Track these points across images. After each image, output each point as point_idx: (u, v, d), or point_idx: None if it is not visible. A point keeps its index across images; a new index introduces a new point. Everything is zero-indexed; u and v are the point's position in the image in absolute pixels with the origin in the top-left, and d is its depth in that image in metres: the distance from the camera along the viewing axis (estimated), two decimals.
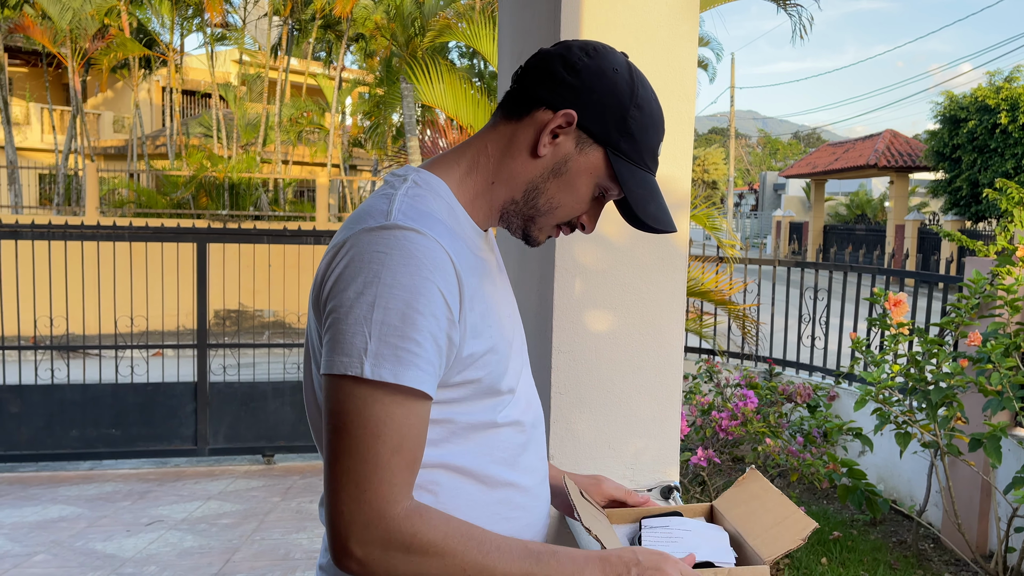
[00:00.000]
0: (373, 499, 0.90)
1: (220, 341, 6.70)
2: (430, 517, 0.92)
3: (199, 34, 24.47)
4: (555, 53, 1.05)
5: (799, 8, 8.99)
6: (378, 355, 0.89)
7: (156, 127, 24.00)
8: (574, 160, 1.04)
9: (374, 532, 0.90)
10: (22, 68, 22.91)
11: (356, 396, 0.90)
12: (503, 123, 1.06)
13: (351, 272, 0.91)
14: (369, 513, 0.90)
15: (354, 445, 0.90)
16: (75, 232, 5.82)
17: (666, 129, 1.67)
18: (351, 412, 0.90)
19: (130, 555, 4.17)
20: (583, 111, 1.02)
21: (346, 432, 0.90)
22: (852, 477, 3.76)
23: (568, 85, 1.02)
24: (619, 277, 1.65)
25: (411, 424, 0.92)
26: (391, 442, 0.90)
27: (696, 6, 1.65)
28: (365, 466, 0.90)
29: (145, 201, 15.55)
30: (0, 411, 5.60)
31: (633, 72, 1.05)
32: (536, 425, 1.16)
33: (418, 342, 0.90)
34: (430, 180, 1.04)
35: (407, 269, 0.90)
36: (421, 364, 0.91)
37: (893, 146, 21.92)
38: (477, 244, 1.06)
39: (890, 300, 3.81)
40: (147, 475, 5.61)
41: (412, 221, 0.94)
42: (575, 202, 1.06)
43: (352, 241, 0.93)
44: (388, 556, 0.90)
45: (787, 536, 1.12)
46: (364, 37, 20.89)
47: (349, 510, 0.90)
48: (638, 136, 1.04)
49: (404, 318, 0.89)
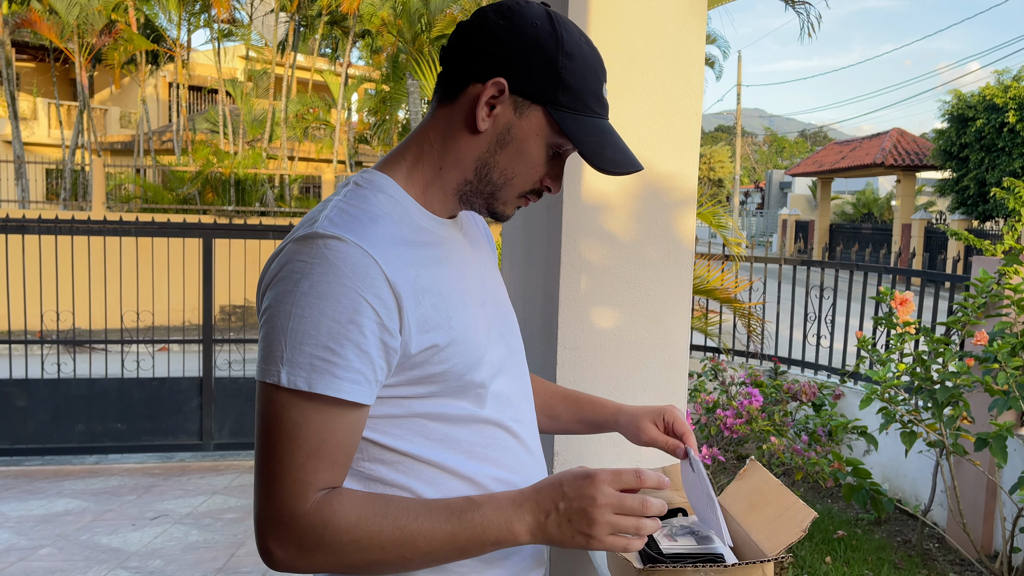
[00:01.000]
0: (285, 498, 0.91)
1: (225, 336, 6.71)
2: (341, 504, 0.92)
3: (206, 30, 24.50)
4: (471, 24, 1.02)
5: (807, 6, 8.97)
6: (292, 363, 0.89)
7: (163, 123, 24.05)
8: (516, 126, 1.00)
9: (287, 531, 0.91)
10: (29, 63, 22.98)
11: (275, 401, 0.91)
12: (440, 108, 1.04)
13: (276, 281, 0.93)
14: (281, 511, 0.91)
15: (271, 448, 0.92)
16: (82, 227, 5.84)
17: (673, 126, 1.68)
18: (271, 416, 0.92)
19: (135, 549, 4.18)
20: (511, 75, 0.99)
21: (266, 435, 0.92)
22: (857, 476, 3.76)
23: (490, 53, 0.99)
24: (625, 274, 1.65)
25: (331, 429, 0.92)
26: (307, 446, 0.91)
27: (704, 3, 1.65)
28: (280, 468, 0.91)
29: (151, 196, 15.59)
30: (6, 405, 5.63)
31: (555, 20, 1.01)
32: (524, 420, 1.12)
33: (334, 350, 0.90)
34: (374, 178, 1.03)
35: (325, 278, 0.90)
36: (338, 372, 0.90)
37: (900, 145, 21.85)
38: (428, 230, 1.03)
39: (896, 299, 3.80)
40: (152, 469, 5.63)
41: (336, 228, 0.93)
42: (530, 168, 1.03)
43: (284, 251, 0.94)
44: (305, 553, 0.92)
45: (789, 528, 1.12)
46: (370, 33, 20.89)
47: (265, 509, 0.92)
48: (575, 84, 0.99)
49: (319, 327, 0.89)
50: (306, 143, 22.27)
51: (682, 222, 1.68)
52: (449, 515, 0.93)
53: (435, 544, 0.92)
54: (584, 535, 0.92)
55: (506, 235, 2.23)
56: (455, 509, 0.94)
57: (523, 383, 1.16)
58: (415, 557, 0.93)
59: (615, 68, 1.61)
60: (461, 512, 0.93)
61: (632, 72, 1.62)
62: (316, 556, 0.92)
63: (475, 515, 0.93)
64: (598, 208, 1.64)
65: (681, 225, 1.68)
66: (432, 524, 0.92)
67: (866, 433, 4.01)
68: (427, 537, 0.92)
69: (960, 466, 4.27)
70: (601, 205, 1.64)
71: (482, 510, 0.94)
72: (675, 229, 1.67)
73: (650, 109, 1.64)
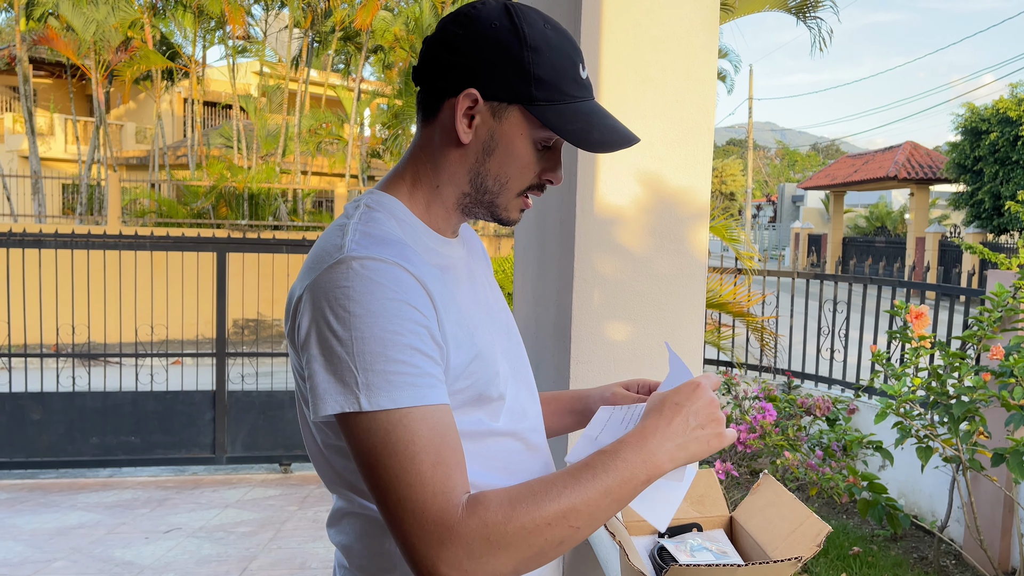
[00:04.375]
0: (434, 516, 0.87)
1: (239, 350, 6.74)
2: (487, 501, 0.88)
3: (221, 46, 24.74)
4: (435, 39, 1.03)
5: (819, 20, 8.98)
6: (369, 386, 0.87)
7: (177, 138, 24.26)
8: (498, 131, 1.00)
9: (452, 547, 0.86)
10: (46, 79, 23.25)
11: (372, 433, 0.88)
12: (424, 127, 1.05)
13: (320, 312, 0.90)
14: (438, 530, 0.86)
15: (393, 477, 0.88)
16: (97, 241, 5.89)
17: (685, 140, 1.69)
18: (376, 447, 0.88)
19: (148, 562, 4.19)
20: (481, 83, 0.98)
21: (381, 467, 0.88)
22: (872, 491, 3.73)
23: (456, 66, 0.99)
24: (638, 288, 1.65)
25: (439, 434, 0.90)
26: (427, 458, 0.88)
27: (716, 18, 1.65)
28: (413, 491, 0.87)
29: (166, 211, 15.72)
30: (22, 418, 5.66)
31: (513, 15, 0.99)
32: (536, 429, 1.13)
33: (404, 361, 0.89)
34: (383, 200, 1.04)
35: (372, 297, 0.89)
36: (415, 380, 0.89)
37: (913, 158, 21.76)
38: (440, 253, 1.05)
39: (912, 312, 3.78)
40: (165, 483, 5.65)
41: (365, 249, 0.93)
42: (523, 168, 1.03)
43: (316, 282, 0.92)
44: (477, 560, 0.86)
45: (803, 544, 1.12)
46: (383, 49, 21.06)
47: (418, 538, 0.87)
48: (546, 76, 0.98)
49: (382, 342, 0.88)
50: (319, 158, 22.40)
51: (695, 236, 1.68)
52: (595, 472, 0.91)
53: (595, 504, 0.90)
54: (717, 435, 0.96)
55: (519, 249, 2.23)
56: (597, 465, 0.92)
57: (532, 391, 1.17)
58: (581, 524, 0.90)
59: (629, 83, 1.62)
60: (604, 466, 0.91)
61: (645, 87, 1.62)
62: (489, 559, 0.87)
63: (618, 462, 0.92)
64: (611, 222, 1.64)
65: (694, 239, 1.68)
66: (584, 487, 0.90)
67: (881, 448, 3.98)
68: (585, 500, 0.89)
69: (977, 482, 4.22)
70: (614, 219, 1.64)
71: (621, 455, 0.92)
72: (688, 243, 1.68)
73: (663, 124, 1.64)
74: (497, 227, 16.38)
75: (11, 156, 20.87)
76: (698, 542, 1.20)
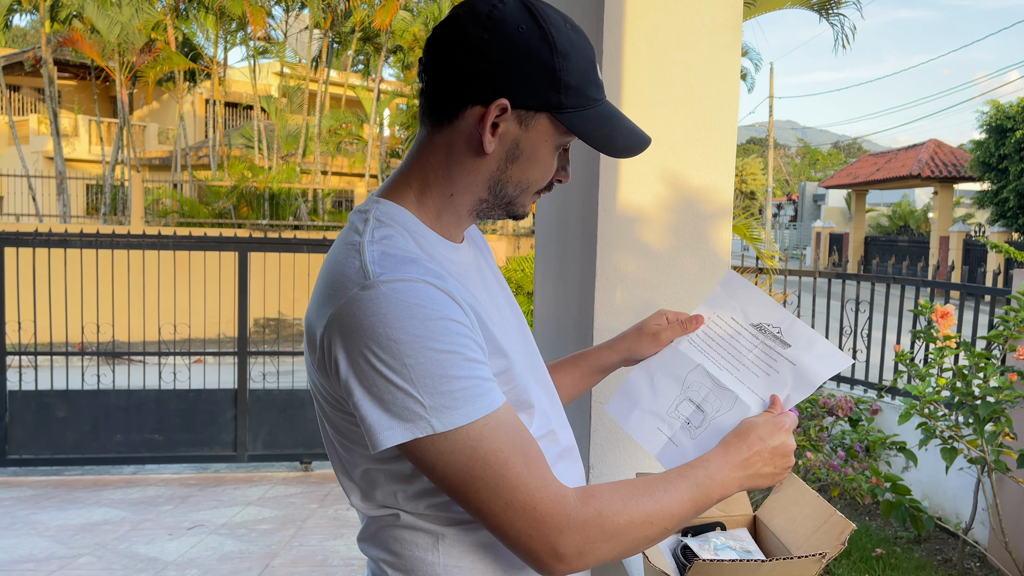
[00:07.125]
0: (550, 508, 0.88)
1: (260, 349, 6.79)
2: (600, 492, 0.92)
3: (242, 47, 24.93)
4: (451, 40, 0.95)
5: (842, 17, 8.91)
6: (438, 408, 0.86)
7: (199, 138, 24.49)
8: (524, 139, 0.97)
9: (572, 534, 0.89)
10: (71, 81, 23.55)
11: (454, 451, 0.87)
12: (436, 132, 0.99)
13: (361, 344, 0.87)
14: (555, 521, 0.88)
15: (496, 486, 0.88)
16: (121, 241, 5.96)
17: (708, 139, 1.68)
18: (466, 463, 0.88)
19: (172, 558, 4.23)
20: (511, 93, 0.94)
21: (477, 479, 0.88)
22: (896, 493, 3.69)
23: (482, 72, 0.93)
24: (660, 286, 1.65)
25: (515, 433, 0.90)
26: (519, 458, 0.89)
27: (739, 17, 1.65)
28: (519, 492, 0.88)
29: (188, 211, 15.87)
30: (48, 415, 5.74)
31: (537, 17, 0.94)
32: (563, 427, 1.12)
33: (463, 376, 0.87)
34: (392, 212, 0.99)
35: (412, 319, 0.86)
36: (478, 390, 0.88)
37: (937, 156, 21.51)
38: (453, 260, 1.02)
39: (937, 312, 3.74)
40: (188, 480, 5.70)
41: (390, 272, 0.89)
42: (543, 171, 1.01)
43: (345, 311, 0.88)
44: (592, 545, 0.90)
45: (827, 541, 1.12)
46: (402, 49, 21.14)
47: (540, 537, 0.89)
48: (575, 82, 0.95)
49: (438, 363, 0.86)
50: (339, 158, 22.53)
51: (718, 234, 1.67)
52: (688, 483, 0.97)
53: (684, 511, 0.95)
54: (783, 475, 1.04)
55: (539, 247, 2.24)
56: (688, 476, 0.97)
57: (551, 389, 1.16)
58: (671, 526, 0.95)
59: (651, 81, 1.62)
60: (694, 478, 0.97)
61: (668, 85, 1.62)
62: (601, 546, 0.90)
63: (704, 476, 0.98)
64: (633, 220, 1.64)
65: (717, 237, 1.67)
66: (679, 494, 0.95)
67: (905, 449, 3.94)
68: (679, 505, 0.95)
69: (1002, 483, 4.17)
70: (636, 217, 1.64)
71: (707, 470, 0.98)
72: (711, 241, 1.67)
73: (685, 122, 1.64)
74: (516, 226, 16.37)
75: (36, 157, 21.16)
76: (721, 541, 1.20)
